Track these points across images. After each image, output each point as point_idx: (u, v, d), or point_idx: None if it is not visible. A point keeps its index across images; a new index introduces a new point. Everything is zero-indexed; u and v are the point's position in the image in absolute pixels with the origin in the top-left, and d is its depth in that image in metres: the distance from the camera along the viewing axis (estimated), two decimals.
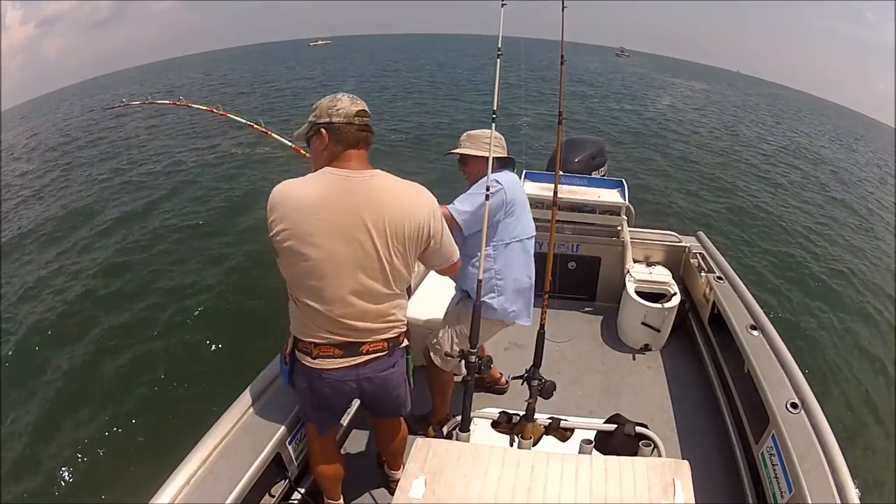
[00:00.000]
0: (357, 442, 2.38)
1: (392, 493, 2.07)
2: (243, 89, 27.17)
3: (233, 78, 34.67)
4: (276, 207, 1.37)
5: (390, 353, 1.54)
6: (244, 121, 2.69)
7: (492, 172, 1.92)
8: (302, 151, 2.60)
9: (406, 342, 1.62)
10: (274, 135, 2.65)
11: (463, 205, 1.95)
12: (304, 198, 1.36)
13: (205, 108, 2.68)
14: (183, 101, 2.69)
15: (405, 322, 1.59)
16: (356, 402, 2.15)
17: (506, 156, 2.09)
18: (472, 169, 2.08)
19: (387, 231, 1.38)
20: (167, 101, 2.80)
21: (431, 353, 2.20)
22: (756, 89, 54.98)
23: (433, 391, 2.32)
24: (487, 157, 1.91)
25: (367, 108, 1.46)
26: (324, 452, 1.81)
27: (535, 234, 2.16)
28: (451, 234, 1.61)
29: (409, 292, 2.57)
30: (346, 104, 1.42)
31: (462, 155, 2.08)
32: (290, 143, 2.61)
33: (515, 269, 2.07)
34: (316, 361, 1.48)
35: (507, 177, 2.04)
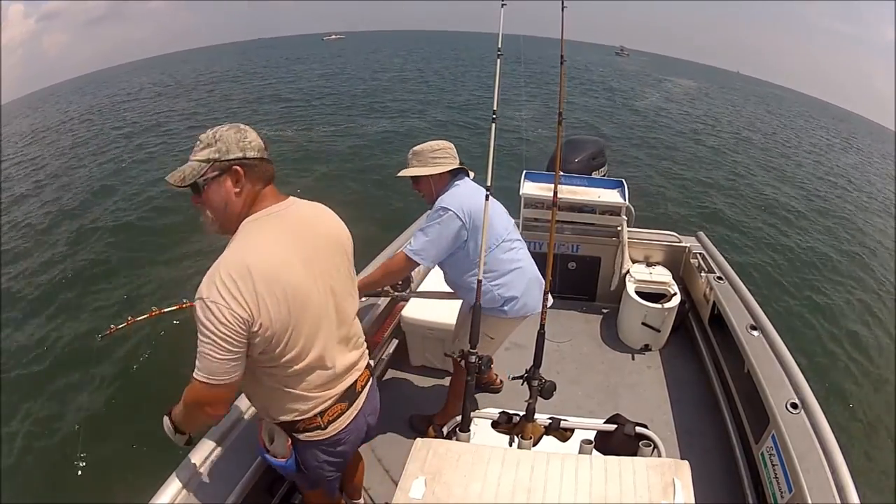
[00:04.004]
0: None
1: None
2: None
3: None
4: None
5: (371, 374, 1.54)
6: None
7: (443, 187, 1.99)
8: None
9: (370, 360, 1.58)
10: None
11: (416, 242, 1.94)
12: (272, 264, 1.16)
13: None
14: None
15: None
16: None
17: (456, 167, 2.02)
18: (424, 188, 2.05)
19: (329, 244, 1.33)
20: None
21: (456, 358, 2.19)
22: (755, 90, 55.10)
23: (454, 396, 2.33)
24: (437, 174, 1.98)
25: None
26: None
27: (510, 233, 2.10)
28: None
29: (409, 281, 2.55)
30: (254, 136, 1.21)
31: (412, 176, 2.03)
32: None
33: (508, 272, 2.05)
34: (329, 429, 1.36)
35: (459, 191, 1.99)
